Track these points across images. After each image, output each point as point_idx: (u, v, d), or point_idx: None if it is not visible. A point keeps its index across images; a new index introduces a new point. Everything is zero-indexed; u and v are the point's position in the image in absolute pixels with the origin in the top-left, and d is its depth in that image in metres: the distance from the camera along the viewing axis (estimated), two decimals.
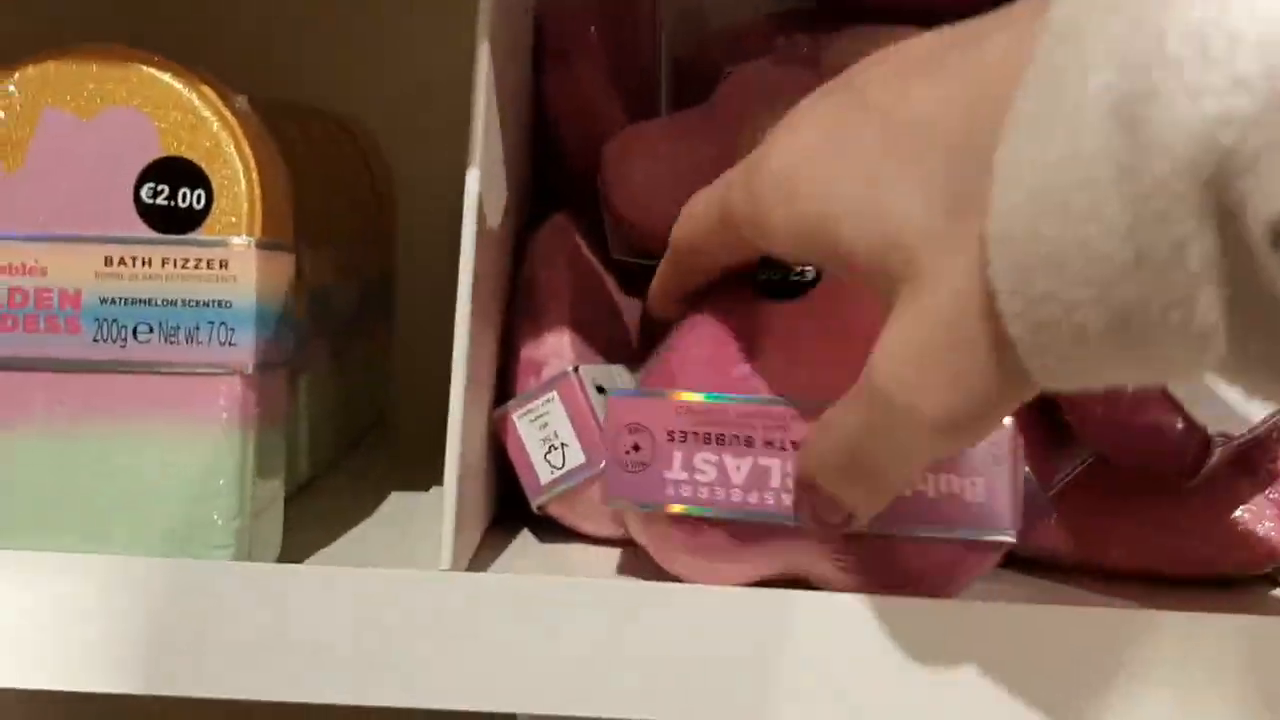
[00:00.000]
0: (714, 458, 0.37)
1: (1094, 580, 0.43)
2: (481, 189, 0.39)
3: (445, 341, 0.40)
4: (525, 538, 0.45)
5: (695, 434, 0.37)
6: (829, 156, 0.31)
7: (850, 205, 0.30)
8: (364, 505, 0.49)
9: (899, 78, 0.31)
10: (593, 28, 0.52)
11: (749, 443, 0.37)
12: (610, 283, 0.50)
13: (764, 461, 0.37)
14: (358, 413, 0.59)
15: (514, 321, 0.47)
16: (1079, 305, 0.25)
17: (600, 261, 0.50)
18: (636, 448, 0.38)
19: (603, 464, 0.42)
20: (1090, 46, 0.24)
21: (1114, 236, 0.23)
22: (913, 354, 0.29)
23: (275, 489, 0.40)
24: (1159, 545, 0.43)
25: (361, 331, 0.58)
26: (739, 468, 0.37)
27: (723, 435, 0.37)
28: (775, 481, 0.36)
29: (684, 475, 0.37)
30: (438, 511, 0.37)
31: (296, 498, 0.48)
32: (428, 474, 0.53)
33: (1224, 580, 0.43)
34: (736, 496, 0.37)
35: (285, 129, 0.49)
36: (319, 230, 0.49)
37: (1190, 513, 0.43)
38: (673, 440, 0.37)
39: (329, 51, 0.68)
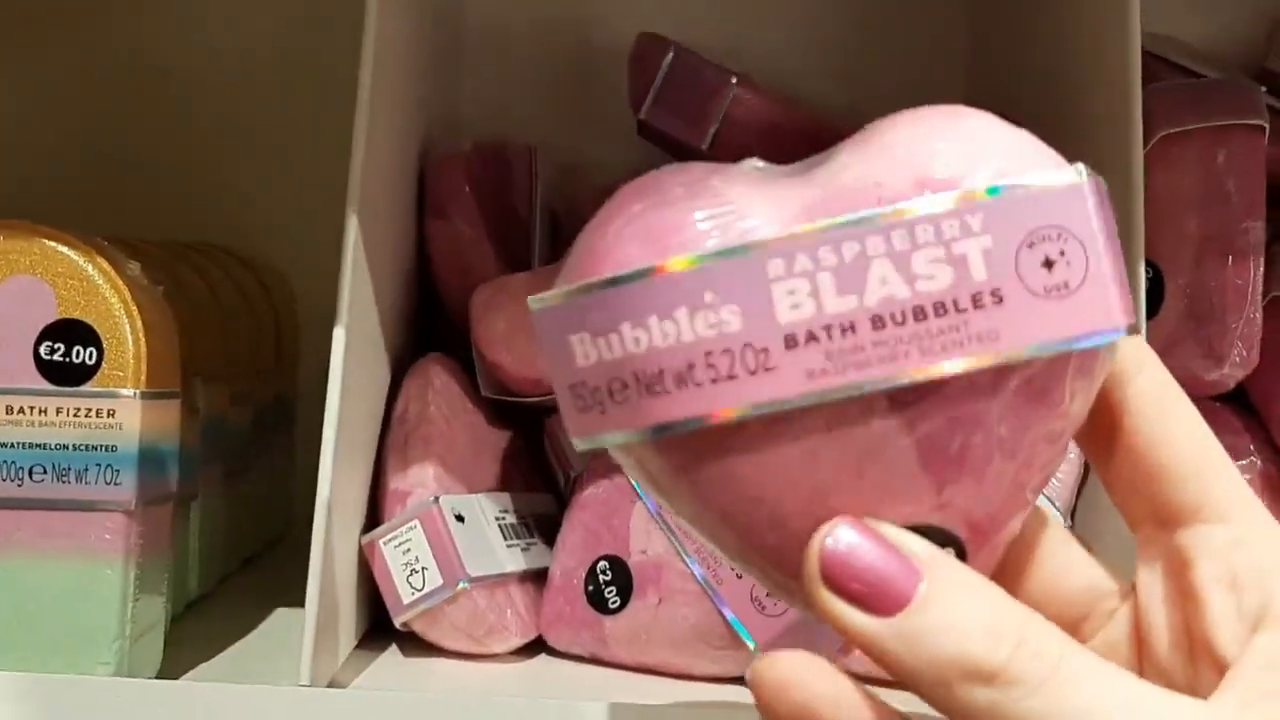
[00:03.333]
0: None
1: None
2: (349, 334, 0.44)
3: None
4: (392, 652, 0.50)
5: None
6: None
7: None
8: (248, 621, 0.53)
9: None
10: (467, 186, 0.57)
11: None
12: (480, 418, 0.55)
13: None
14: (254, 530, 0.64)
15: (384, 454, 0.52)
16: None
17: (471, 399, 0.55)
18: None
19: (458, 586, 0.47)
20: None
21: None
22: None
23: (158, 610, 0.45)
24: None
25: (259, 453, 0.63)
26: None
27: None
28: None
29: None
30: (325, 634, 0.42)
31: (184, 615, 0.53)
32: None
33: None
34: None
35: (182, 272, 0.54)
36: (212, 364, 0.54)
37: None
38: None
39: (237, 195, 0.74)
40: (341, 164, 0.70)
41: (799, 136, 0.60)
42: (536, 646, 0.51)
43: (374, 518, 0.50)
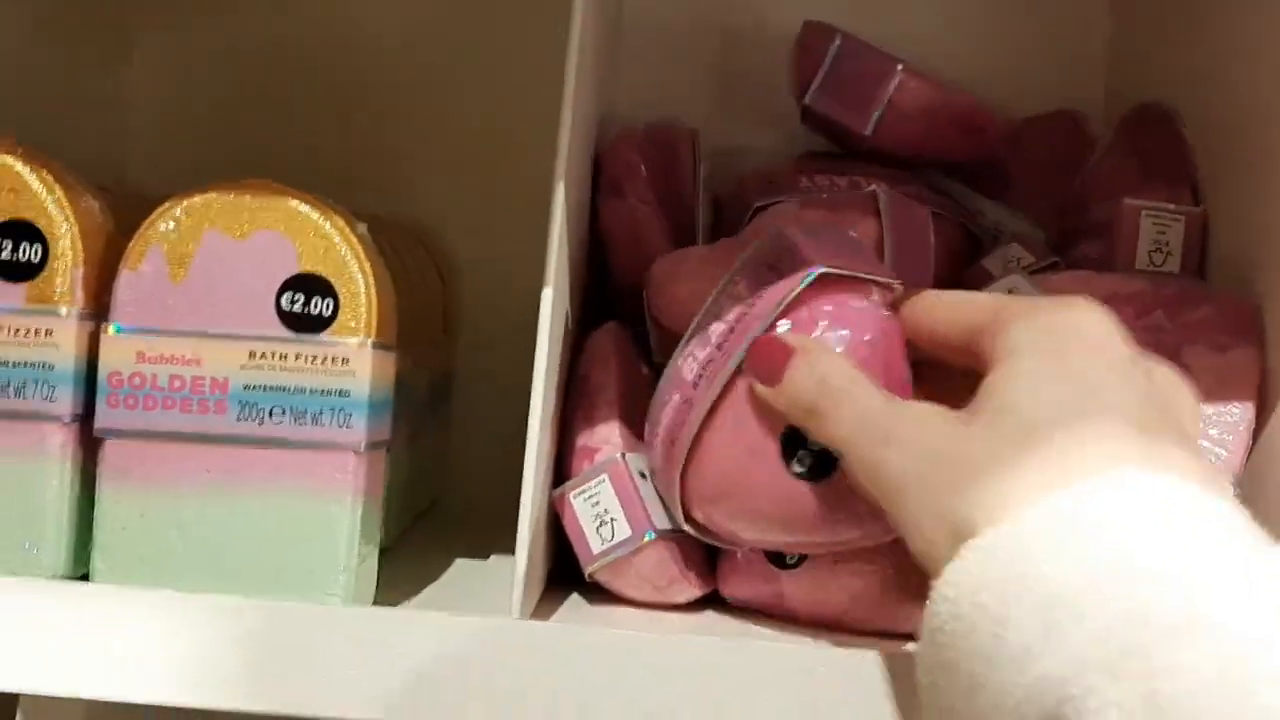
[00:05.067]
0: None
1: None
2: (554, 305, 0.47)
3: (501, 429, 0.47)
4: (576, 600, 0.53)
5: None
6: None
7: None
8: (435, 569, 0.56)
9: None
10: (643, 166, 0.60)
11: None
12: (654, 383, 0.58)
13: None
14: (422, 493, 0.67)
15: (569, 414, 0.55)
16: None
17: (645, 365, 0.58)
18: None
19: (645, 537, 0.50)
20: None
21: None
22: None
23: (373, 549, 0.48)
24: None
25: (429, 420, 0.66)
26: None
27: None
28: None
29: None
30: (500, 576, 0.45)
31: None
32: (485, 547, 0.61)
33: None
34: None
35: (381, 243, 0.57)
36: (403, 329, 0.57)
37: None
38: None
39: (415, 170, 0.77)
40: (504, 142, 0.74)
41: (957, 123, 0.62)
42: (711, 600, 0.53)
43: (559, 475, 0.53)
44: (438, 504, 0.73)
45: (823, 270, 0.45)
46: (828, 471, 0.45)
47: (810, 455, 0.45)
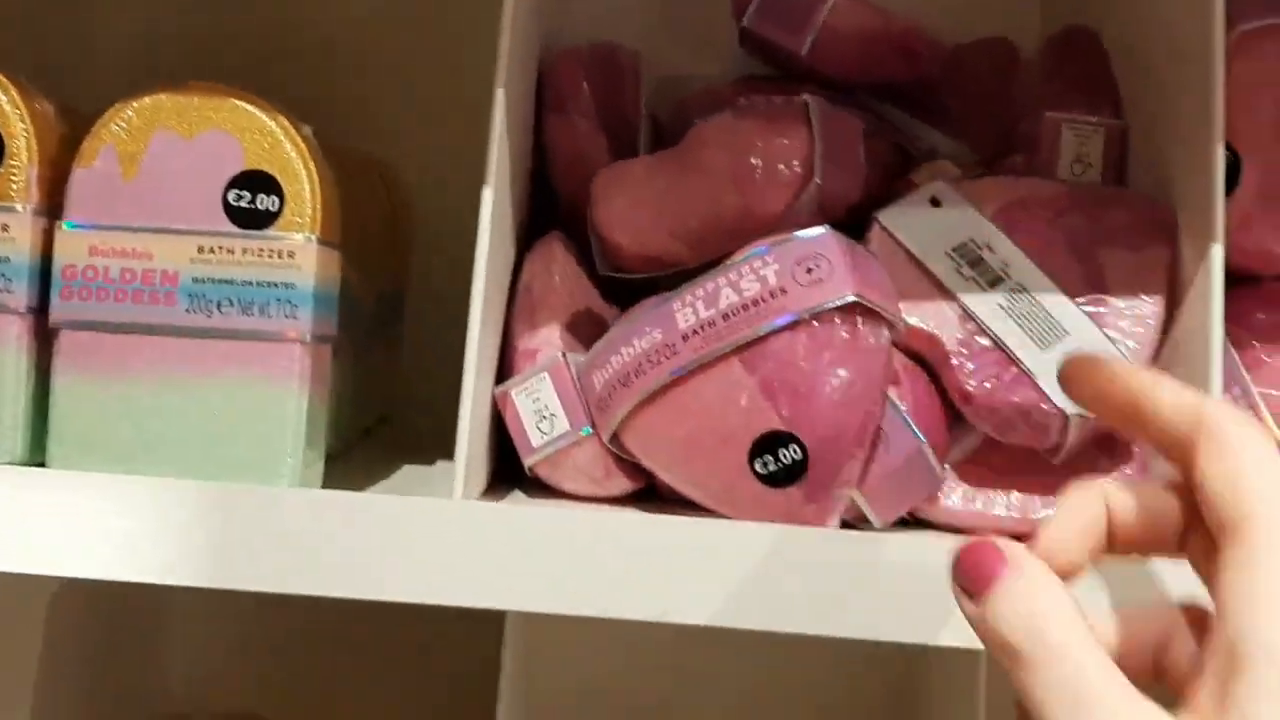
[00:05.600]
0: None
1: None
2: (494, 208, 0.49)
3: (449, 349, 0.49)
4: (517, 495, 0.55)
5: None
6: None
7: None
8: (381, 475, 0.58)
9: None
10: (585, 83, 0.62)
11: None
12: (595, 295, 0.60)
13: None
14: (370, 405, 0.69)
15: (512, 320, 0.57)
16: None
17: (587, 275, 0.60)
18: None
19: (582, 431, 0.52)
20: None
21: None
22: None
23: (319, 442, 0.50)
24: (1037, 515, 0.53)
25: (377, 335, 0.68)
26: None
27: None
28: None
29: None
30: (444, 481, 0.47)
31: (326, 468, 0.58)
32: (431, 458, 0.63)
33: None
34: None
35: (329, 160, 0.59)
36: (349, 244, 0.59)
37: (1059, 484, 0.53)
38: None
39: (361, 93, 0.79)
40: (452, 65, 0.76)
41: (892, 47, 0.64)
42: (647, 495, 0.56)
43: (502, 377, 0.55)
44: (388, 422, 0.75)
45: (855, 299, 0.48)
46: (786, 484, 0.48)
47: (777, 464, 0.48)
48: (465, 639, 0.76)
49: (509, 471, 0.55)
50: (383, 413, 0.74)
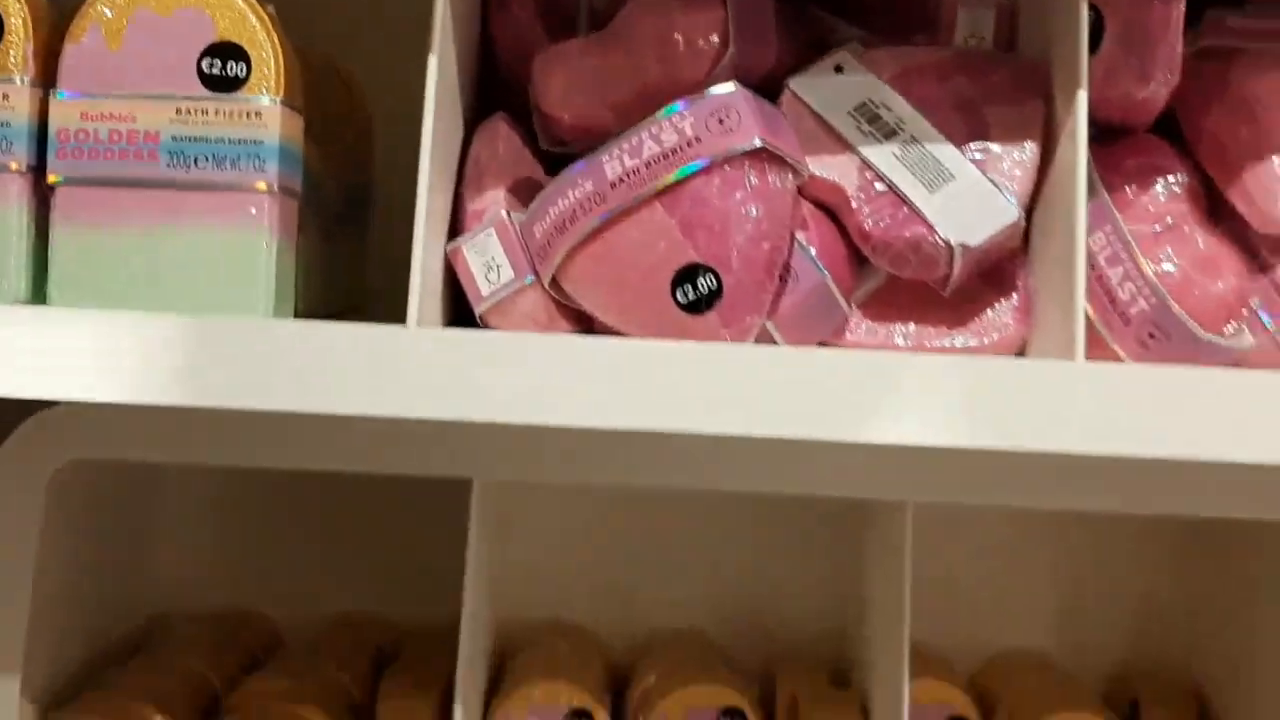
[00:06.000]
0: None
1: None
2: (438, 80, 0.55)
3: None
4: None
5: None
6: None
7: None
8: None
9: None
10: None
11: None
12: (539, 169, 0.66)
13: None
14: (338, 290, 0.75)
15: (461, 190, 0.63)
16: None
17: (530, 151, 0.66)
18: None
19: (526, 280, 0.58)
20: None
21: None
22: None
23: (288, 293, 0.56)
24: (932, 344, 0.60)
25: (346, 223, 0.74)
26: None
27: None
28: None
29: None
30: None
31: None
32: None
33: None
34: None
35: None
36: (312, 125, 0.65)
37: (951, 314, 0.59)
38: None
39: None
40: None
41: None
42: None
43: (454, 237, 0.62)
44: (357, 313, 0.81)
45: (762, 144, 0.55)
46: (704, 309, 0.55)
47: (696, 293, 0.55)
48: (433, 513, 0.82)
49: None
50: (350, 303, 0.80)
